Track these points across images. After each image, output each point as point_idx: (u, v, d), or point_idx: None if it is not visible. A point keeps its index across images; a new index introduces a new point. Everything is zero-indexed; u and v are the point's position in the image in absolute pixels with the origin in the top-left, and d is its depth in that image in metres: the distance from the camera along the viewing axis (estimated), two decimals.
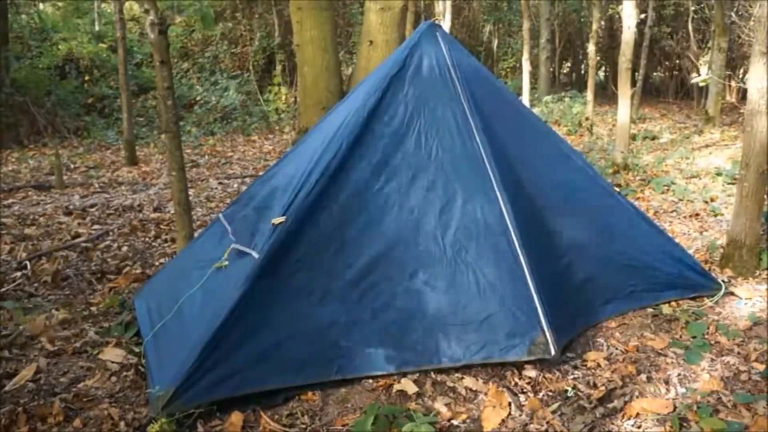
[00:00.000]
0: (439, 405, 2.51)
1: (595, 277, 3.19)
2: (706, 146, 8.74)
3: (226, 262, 2.82)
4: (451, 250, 2.82)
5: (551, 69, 15.27)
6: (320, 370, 2.57)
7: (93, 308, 3.54)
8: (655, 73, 17.17)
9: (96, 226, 5.30)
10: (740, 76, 13.52)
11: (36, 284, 3.92)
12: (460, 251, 2.82)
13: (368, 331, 2.65)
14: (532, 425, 2.38)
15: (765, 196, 3.75)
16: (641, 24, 11.12)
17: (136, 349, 2.96)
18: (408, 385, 2.60)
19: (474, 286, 2.77)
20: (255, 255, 2.69)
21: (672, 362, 2.82)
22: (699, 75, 12.39)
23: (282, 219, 2.73)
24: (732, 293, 3.49)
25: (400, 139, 3.01)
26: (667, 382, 2.65)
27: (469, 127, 3.06)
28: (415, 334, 2.68)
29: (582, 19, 16.55)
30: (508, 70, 17.65)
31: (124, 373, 2.78)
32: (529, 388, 2.63)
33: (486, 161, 2.98)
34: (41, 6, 13.25)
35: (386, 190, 2.90)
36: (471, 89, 3.17)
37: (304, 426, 2.40)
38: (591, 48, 11.04)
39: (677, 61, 15.59)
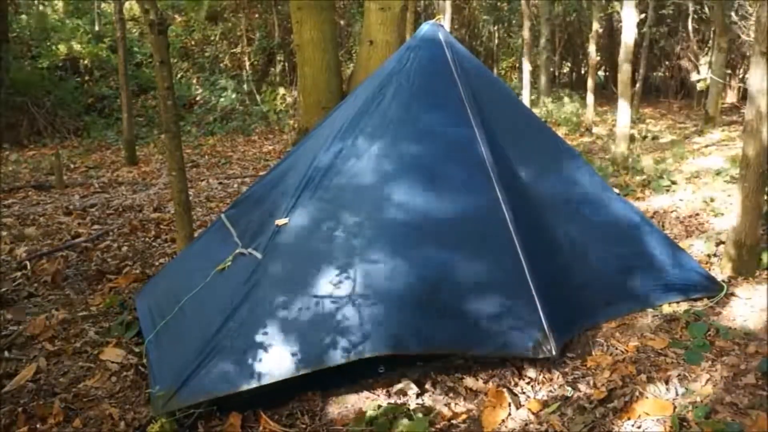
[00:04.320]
0: (439, 405, 2.51)
1: (596, 278, 3.19)
2: (706, 146, 8.74)
3: (230, 263, 2.82)
4: (453, 250, 2.82)
5: (551, 69, 15.27)
6: (321, 359, 2.53)
7: (93, 308, 3.54)
8: (655, 73, 17.18)
9: (96, 226, 5.30)
10: (740, 76, 13.52)
11: (36, 284, 3.92)
12: (461, 251, 2.82)
13: (372, 328, 2.64)
14: (532, 425, 2.38)
15: (765, 196, 3.75)
16: (641, 24, 11.12)
17: (136, 349, 2.96)
18: (408, 385, 2.60)
19: (475, 287, 2.76)
20: (258, 255, 2.69)
21: (672, 362, 2.82)
22: (699, 75, 12.38)
23: (285, 220, 2.73)
24: (732, 293, 3.49)
25: (402, 138, 3.01)
26: (667, 382, 2.65)
27: (470, 126, 3.06)
28: (416, 335, 2.67)
29: (582, 19, 16.54)
30: (508, 69, 17.65)
31: (124, 373, 2.78)
32: (529, 388, 2.63)
33: (486, 160, 2.98)
34: (41, 7, 13.25)
35: (389, 189, 2.89)
36: (472, 88, 3.18)
37: (304, 426, 2.40)
38: (591, 48, 11.04)
39: (677, 61, 15.60)
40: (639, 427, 2.37)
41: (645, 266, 3.34)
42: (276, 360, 2.46)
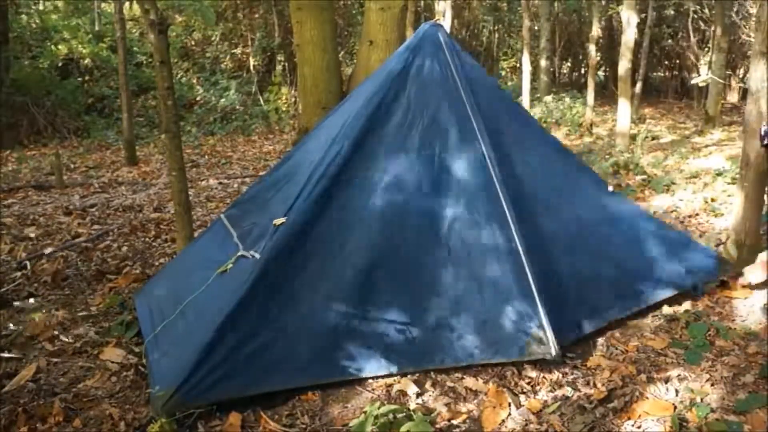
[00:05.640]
0: (439, 405, 2.51)
1: (603, 275, 3.14)
2: (706, 146, 8.74)
3: (231, 266, 2.81)
4: (454, 251, 2.82)
5: (551, 69, 15.27)
6: (321, 371, 2.57)
7: (93, 308, 3.54)
8: (655, 73, 17.18)
9: (96, 226, 5.30)
10: (740, 76, 13.52)
11: (36, 284, 3.92)
12: (462, 252, 2.82)
13: (370, 333, 2.65)
14: (532, 425, 2.38)
15: (765, 196, 3.75)
16: (641, 24, 11.12)
17: (136, 349, 2.96)
18: (408, 385, 2.60)
19: (476, 288, 2.77)
20: (257, 256, 2.69)
21: (672, 362, 2.82)
22: (699, 75, 12.38)
23: (283, 220, 2.72)
24: (741, 274, 3.49)
25: (402, 141, 3.01)
26: (667, 382, 2.65)
27: (472, 129, 3.05)
28: (417, 336, 2.68)
29: (582, 19, 16.55)
30: (508, 70, 17.65)
31: (124, 373, 2.78)
32: (529, 388, 2.63)
33: (489, 162, 2.98)
34: (41, 6, 13.24)
35: (388, 191, 2.89)
36: (473, 90, 3.17)
37: (304, 426, 2.40)
38: (591, 48, 11.04)
39: (677, 61, 15.59)
40: (639, 427, 2.37)
41: (652, 259, 3.30)
42: (277, 367, 2.47)
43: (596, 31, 11.33)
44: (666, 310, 3.28)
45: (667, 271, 3.33)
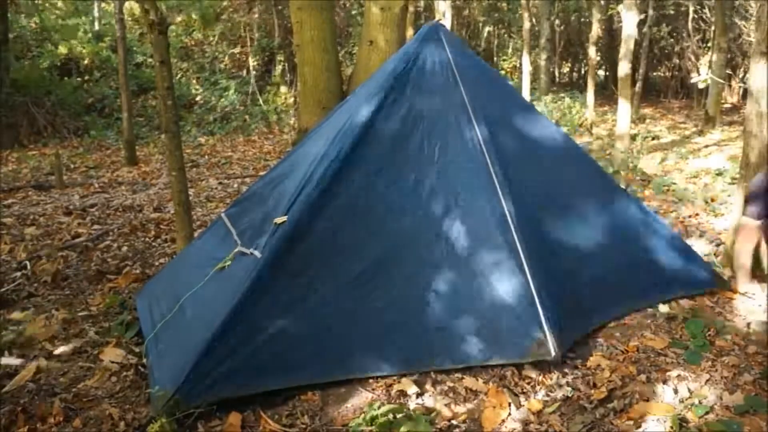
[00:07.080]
0: (439, 405, 2.51)
1: (603, 275, 3.15)
2: (706, 146, 8.75)
3: (229, 262, 2.82)
4: (453, 251, 2.82)
5: (551, 69, 15.27)
6: (321, 371, 2.57)
7: (93, 308, 3.54)
8: (655, 73, 17.18)
9: (96, 226, 5.30)
10: (740, 76, 13.53)
11: (36, 284, 3.92)
12: (462, 253, 2.81)
13: (369, 333, 2.65)
14: (532, 425, 2.38)
15: None
16: (641, 24, 11.12)
17: (136, 349, 2.96)
18: (408, 385, 2.60)
19: (475, 288, 2.76)
20: (257, 254, 2.69)
21: (672, 362, 2.82)
22: (699, 75, 12.39)
23: (284, 218, 2.72)
24: (733, 291, 3.50)
25: (403, 141, 3.01)
26: (667, 382, 2.65)
27: (472, 129, 3.05)
28: (416, 336, 2.68)
29: (582, 19, 16.56)
30: (508, 70, 17.65)
31: (124, 373, 2.78)
32: (529, 388, 2.63)
33: (489, 162, 2.97)
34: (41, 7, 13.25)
35: (389, 191, 2.89)
36: (474, 91, 3.16)
37: (304, 426, 2.40)
38: (591, 48, 11.04)
39: (677, 61, 15.60)
40: (639, 427, 2.37)
41: (651, 261, 3.32)
42: (277, 367, 2.47)
43: (596, 31, 11.33)
44: (666, 309, 3.28)
45: (666, 276, 3.35)
